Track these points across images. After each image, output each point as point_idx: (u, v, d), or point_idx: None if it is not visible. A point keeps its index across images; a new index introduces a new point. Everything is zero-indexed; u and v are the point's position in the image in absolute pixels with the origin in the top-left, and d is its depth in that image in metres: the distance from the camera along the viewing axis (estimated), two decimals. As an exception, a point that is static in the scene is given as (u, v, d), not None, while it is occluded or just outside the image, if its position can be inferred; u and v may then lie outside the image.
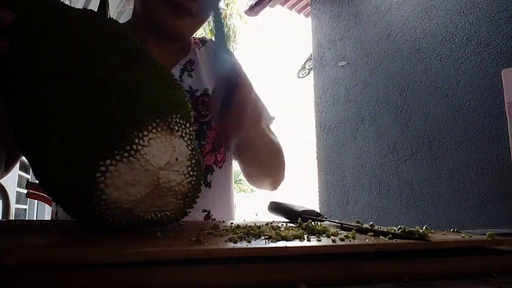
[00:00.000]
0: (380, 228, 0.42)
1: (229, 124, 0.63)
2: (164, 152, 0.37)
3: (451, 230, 0.47)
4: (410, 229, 0.39)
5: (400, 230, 0.39)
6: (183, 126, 0.40)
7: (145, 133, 0.36)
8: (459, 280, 0.32)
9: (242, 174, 0.93)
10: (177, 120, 0.40)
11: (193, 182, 0.40)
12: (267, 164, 0.86)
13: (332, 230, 0.41)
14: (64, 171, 0.36)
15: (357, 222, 0.49)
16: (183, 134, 0.40)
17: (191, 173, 0.40)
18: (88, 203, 0.35)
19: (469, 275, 0.34)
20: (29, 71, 0.40)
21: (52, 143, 0.37)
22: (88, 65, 0.39)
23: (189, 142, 0.41)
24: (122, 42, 0.43)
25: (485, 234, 0.39)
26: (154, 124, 0.37)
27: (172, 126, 0.39)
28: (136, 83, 0.39)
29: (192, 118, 0.43)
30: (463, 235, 0.40)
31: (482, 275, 0.34)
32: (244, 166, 0.88)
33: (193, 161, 0.40)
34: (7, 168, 0.65)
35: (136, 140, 0.36)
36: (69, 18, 0.43)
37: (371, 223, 0.45)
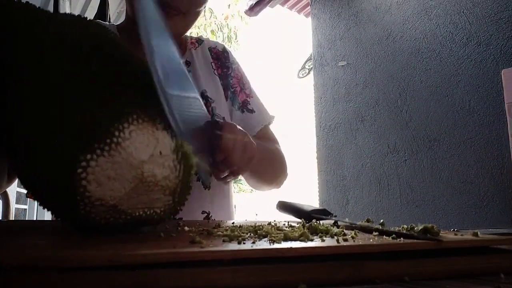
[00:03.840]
0: (393, 228, 0.41)
1: (221, 173, 0.58)
2: (147, 144, 0.36)
3: (451, 230, 0.47)
4: (425, 225, 0.38)
5: (411, 229, 0.38)
6: (166, 119, 0.39)
7: (126, 125, 0.35)
8: (460, 280, 0.32)
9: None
10: (160, 112, 0.39)
11: (180, 177, 0.39)
12: (268, 175, 0.86)
13: (336, 230, 0.41)
14: (45, 170, 0.35)
15: (367, 221, 0.49)
16: (167, 126, 0.39)
17: (177, 167, 0.38)
18: (72, 201, 0.34)
19: (471, 275, 0.34)
20: (9, 72, 0.39)
21: (32, 142, 0.36)
22: (68, 65, 0.38)
23: (173, 134, 0.40)
24: (102, 41, 0.42)
25: (486, 235, 0.39)
26: (135, 116, 0.36)
27: (154, 118, 0.38)
28: (115, 78, 0.39)
29: None
30: (462, 235, 0.40)
31: (485, 275, 0.34)
32: (245, 178, 0.88)
33: (179, 154, 0.39)
34: (10, 179, 0.65)
35: (117, 133, 0.35)
36: (50, 20, 0.42)
37: (382, 220, 0.45)
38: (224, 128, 0.55)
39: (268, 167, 0.84)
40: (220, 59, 0.90)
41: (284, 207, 0.70)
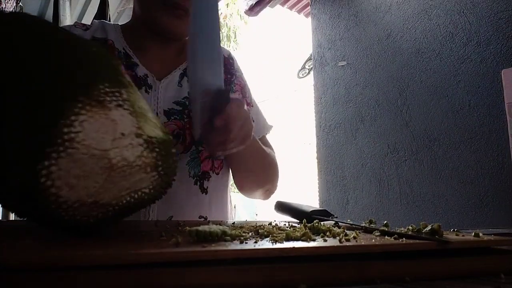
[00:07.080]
0: (400, 230, 0.41)
1: (214, 140, 0.58)
2: (104, 131, 0.33)
3: (451, 230, 0.47)
4: (432, 226, 0.38)
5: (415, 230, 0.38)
6: (116, 95, 0.35)
7: (73, 117, 0.32)
8: (460, 280, 0.32)
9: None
10: (106, 90, 0.35)
11: (157, 149, 0.36)
12: (259, 176, 0.86)
13: (337, 230, 0.41)
14: (11, 189, 0.33)
15: (369, 222, 0.49)
16: (120, 103, 0.35)
17: (148, 140, 0.36)
18: (50, 211, 0.32)
19: (472, 275, 0.34)
20: None
21: None
22: None
23: (131, 109, 0.36)
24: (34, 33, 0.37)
25: (487, 235, 0.39)
26: (79, 105, 0.32)
27: (101, 99, 0.34)
28: (45, 74, 0.34)
29: (126, 82, 0.37)
30: (464, 235, 0.40)
31: (485, 275, 0.34)
32: (235, 178, 0.88)
33: (145, 125, 0.36)
34: None
35: (66, 130, 0.31)
36: None
37: (385, 222, 0.45)
38: (232, 100, 0.57)
39: (261, 164, 0.84)
40: (225, 65, 0.89)
41: (283, 207, 0.67)
